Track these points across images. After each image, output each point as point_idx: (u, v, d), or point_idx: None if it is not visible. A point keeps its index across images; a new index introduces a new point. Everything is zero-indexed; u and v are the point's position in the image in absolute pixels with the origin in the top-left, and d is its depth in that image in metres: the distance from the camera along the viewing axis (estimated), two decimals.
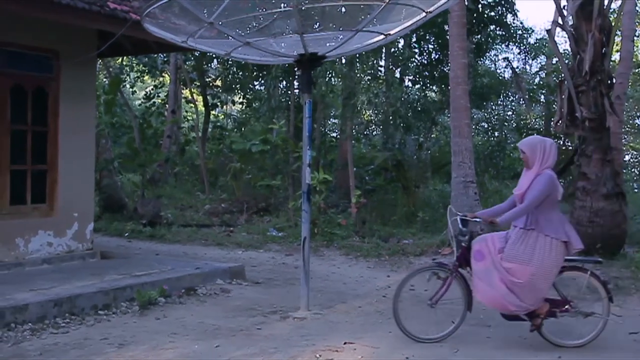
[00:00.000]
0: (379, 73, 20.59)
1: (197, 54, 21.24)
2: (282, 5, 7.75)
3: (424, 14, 7.42)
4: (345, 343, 6.46)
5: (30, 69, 9.24)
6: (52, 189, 9.52)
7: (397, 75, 22.26)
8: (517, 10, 20.82)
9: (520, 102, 26.21)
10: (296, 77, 18.22)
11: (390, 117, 20.60)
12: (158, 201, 16.91)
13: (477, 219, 6.67)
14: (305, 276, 7.83)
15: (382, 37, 7.93)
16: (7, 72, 8.92)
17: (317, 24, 8.16)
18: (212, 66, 25.74)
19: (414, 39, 21.02)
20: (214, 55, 21.67)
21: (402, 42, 21.14)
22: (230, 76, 24.78)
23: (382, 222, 15.23)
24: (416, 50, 21.39)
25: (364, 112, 21.10)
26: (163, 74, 27.97)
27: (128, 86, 28.21)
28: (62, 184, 9.52)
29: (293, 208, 15.20)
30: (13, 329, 6.74)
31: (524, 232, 6.38)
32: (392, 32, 7.84)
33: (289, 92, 20.03)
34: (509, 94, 25.74)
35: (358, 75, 17.15)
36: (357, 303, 8.46)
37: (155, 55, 23.16)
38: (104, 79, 24.22)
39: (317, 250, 12.30)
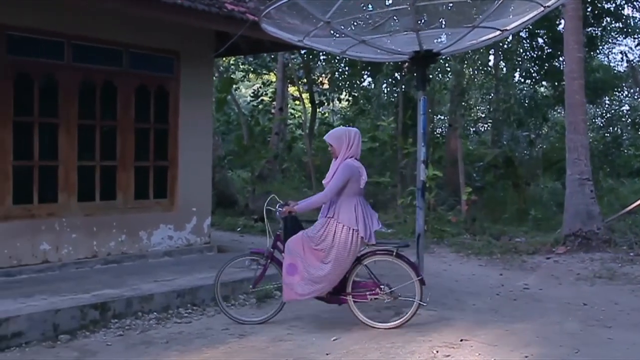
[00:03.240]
0: (489, 69, 20.28)
1: (303, 52, 21.53)
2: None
3: (541, 8, 7.29)
4: (461, 340, 6.44)
5: (153, 70, 9.65)
6: (173, 184, 9.90)
7: (506, 71, 21.84)
8: (638, 1, 20.04)
9: (637, 97, 25.21)
10: (404, 74, 18.22)
11: (501, 114, 20.25)
12: (268, 197, 17.21)
13: (279, 209, 6.98)
14: None
15: (498, 32, 7.83)
16: (133, 72, 9.36)
17: (422, 20, 8.13)
18: (319, 64, 25.98)
19: (524, 34, 20.58)
20: (321, 53, 21.90)
21: (511, 37, 20.73)
22: (337, 74, 24.94)
23: (492, 220, 15.04)
24: (527, 45, 20.92)
25: (473, 109, 20.84)
26: (269, 73, 28.46)
27: (234, 84, 28.85)
28: (181, 179, 9.89)
29: (402, 205, 15.20)
30: (140, 318, 7.07)
31: (326, 220, 6.65)
32: (508, 27, 7.74)
33: (397, 89, 20.00)
34: (625, 88, 24.81)
35: (469, 71, 16.95)
36: (470, 300, 8.40)
37: (264, 54, 23.61)
38: (214, 78, 24.86)
39: (427, 247, 12.22)
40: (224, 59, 26.31)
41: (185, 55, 9.85)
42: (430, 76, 15.82)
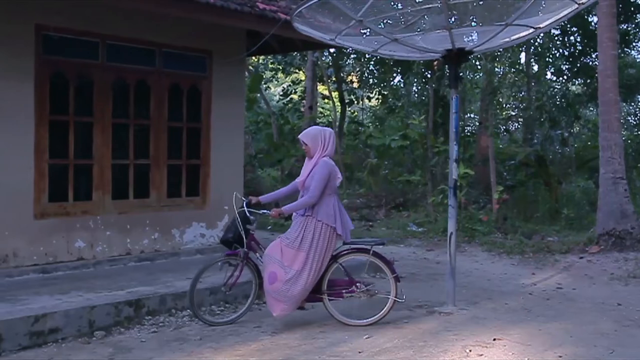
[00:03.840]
0: (520, 67, 20.13)
1: (333, 50, 21.54)
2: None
3: (575, 5, 7.22)
4: (494, 339, 6.41)
5: (186, 69, 9.73)
6: (205, 182, 9.98)
7: (536, 69, 21.67)
8: None
9: None
10: (435, 72, 18.15)
11: (532, 112, 20.08)
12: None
13: (266, 212, 6.86)
14: (452, 271, 7.82)
15: (531, 30, 7.78)
16: (166, 72, 9.45)
17: (453, 18, 8.10)
18: (349, 62, 25.97)
19: (556, 31, 20.38)
20: (350, 52, 21.91)
21: (542, 34, 20.54)
22: (366, 72, 24.93)
23: (523, 219, 14.94)
24: (559, 42, 20.73)
25: (504, 107, 20.67)
26: (298, 71, 28.49)
27: (263, 83, 28.94)
28: (213, 178, 9.96)
29: (433, 203, 15.17)
30: (174, 315, 7.16)
31: (303, 219, 6.66)
32: (542, 25, 7.68)
33: (428, 87, 19.94)
34: None
35: (501, 69, 16.85)
36: (503, 300, 8.35)
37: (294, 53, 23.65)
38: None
39: (458, 246, 12.08)
40: (253, 58, 26.43)
41: (218, 55, 9.92)
42: (462, 74, 15.75)
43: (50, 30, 8.26)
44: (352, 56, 24.09)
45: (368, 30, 8.07)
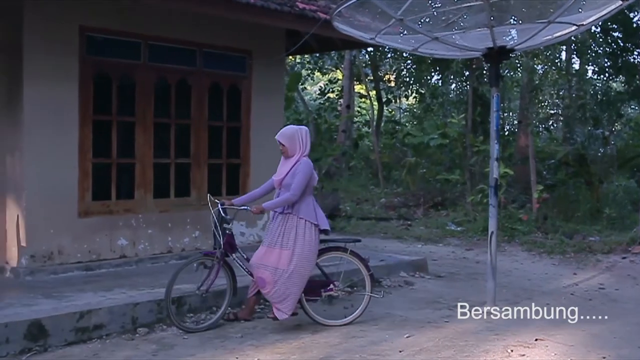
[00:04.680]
0: (561, 64, 19.90)
1: (370, 49, 21.52)
2: None
3: (619, 2, 7.12)
4: (536, 339, 6.37)
5: (226, 69, 9.81)
6: (245, 181, 10.03)
7: (577, 66, 21.39)
8: None
9: None
10: (475, 71, 18.04)
11: (574, 110, 19.83)
12: (337, 194, 17.33)
13: (247, 207, 6.81)
14: (492, 271, 7.77)
15: (573, 28, 7.69)
16: (207, 72, 9.53)
17: (492, 16, 8.04)
18: (386, 61, 25.95)
19: (597, 28, 20.08)
20: (388, 50, 21.87)
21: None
22: (404, 71, 24.87)
23: (564, 218, 14.76)
24: (600, 39, 20.42)
25: (544, 105, 20.48)
26: (335, 70, 28.54)
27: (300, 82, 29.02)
28: (253, 177, 10.00)
29: (472, 202, 15.08)
30: (214, 312, 7.16)
31: (283, 216, 6.64)
32: (584, 22, 7.59)
33: (467, 86, 19.82)
34: None
35: (542, 67, 16.68)
36: (544, 300, 8.26)
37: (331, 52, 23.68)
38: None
39: (498, 246, 11.96)
40: (290, 57, 26.52)
41: (257, 54, 9.97)
42: (502, 73, 15.65)
43: (93, 31, 8.39)
44: (389, 55, 24.06)
45: (405, 29, 8.04)
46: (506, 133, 22.49)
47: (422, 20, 8.21)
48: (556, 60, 18.22)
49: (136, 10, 8.55)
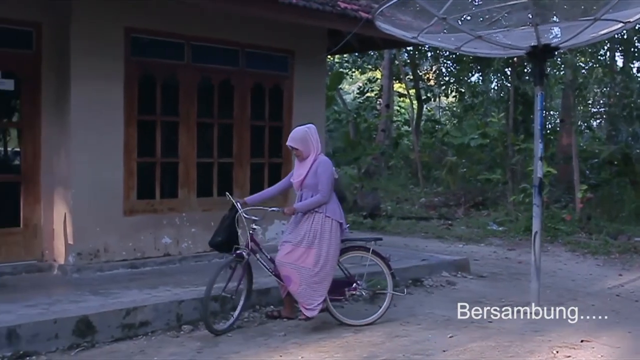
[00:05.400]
0: (605, 61, 19.59)
1: (410, 48, 21.44)
2: None
3: None
4: (582, 341, 6.29)
5: (268, 69, 9.89)
6: None
7: (623, 63, 21.02)
8: None
9: None
10: (516, 69, 17.87)
11: (619, 108, 19.50)
12: (377, 194, 17.32)
13: (278, 209, 6.81)
14: (536, 271, 7.68)
15: (620, 25, 7.57)
16: (249, 72, 9.61)
17: (530, 15, 7.96)
18: (426, 60, 25.83)
19: None
20: (427, 49, 21.77)
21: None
22: (444, 70, 24.74)
23: (608, 218, 14.57)
24: None
25: (588, 103, 20.19)
26: (374, 69, 28.50)
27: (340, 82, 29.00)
28: None
29: (514, 202, 14.95)
30: (257, 310, 7.26)
31: (309, 214, 6.58)
32: (631, 19, 7.46)
33: (508, 84, 19.64)
34: None
35: (586, 64, 16.45)
36: (589, 301, 8.18)
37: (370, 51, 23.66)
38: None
39: (541, 246, 12.00)
40: (329, 56, 26.51)
41: (299, 54, 10.03)
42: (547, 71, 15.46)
43: (138, 32, 8.52)
44: (428, 54, 23.95)
45: (444, 28, 8.00)
46: (548, 132, 22.20)
47: (462, 19, 8.17)
48: (600, 58, 17.93)
49: (179, 12, 8.65)
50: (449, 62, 23.74)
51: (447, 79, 25.08)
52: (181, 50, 8.96)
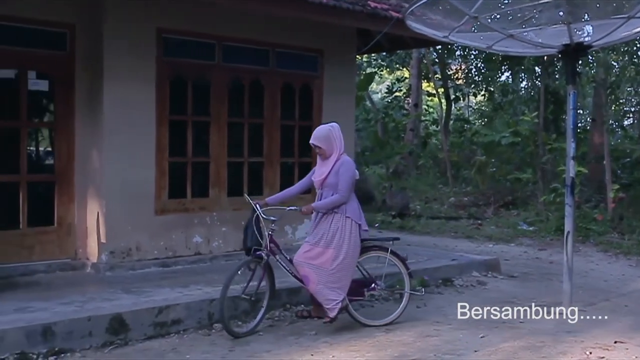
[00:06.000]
0: (638, 60, 19.36)
1: (438, 47, 21.35)
2: None
3: None
4: (615, 342, 6.23)
5: (298, 68, 9.94)
6: None
7: None
8: None
9: None
10: (547, 68, 17.74)
11: None
12: (406, 193, 17.29)
13: (296, 208, 6.72)
14: (569, 272, 7.62)
15: None
16: (279, 71, 9.66)
17: (561, 12, 7.89)
18: (455, 59, 25.70)
19: None
20: (456, 48, 21.66)
21: None
22: (473, 69, 24.61)
23: None
24: None
25: (620, 102, 19.96)
26: (402, 68, 28.41)
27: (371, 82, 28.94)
28: None
29: (544, 202, 14.83)
30: (288, 309, 7.28)
31: (329, 215, 6.53)
32: None
33: (538, 83, 19.48)
34: None
35: (618, 62, 16.27)
36: (622, 302, 8.10)
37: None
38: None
39: (573, 246, 11.90)
40: (357, 55, 26.46)
41: (329, 54, 10.06)
42: (579, 70, 15.32)
43: (170, 33, 8.59)
44: (457, 53, 23.83)
45: (474, 27, 7.95)
46: (579, 131, 21.98)
47: (491, 17, 8.12)
48: (634, 56, 17.71)
49: (210, 12, 8.70)
50: (478, 61, 23.60)
51: (476, 78, 24.95)
52: (212, 50, 9.03)
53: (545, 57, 17.06)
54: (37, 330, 5.65)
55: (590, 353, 5.91)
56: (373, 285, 6.93)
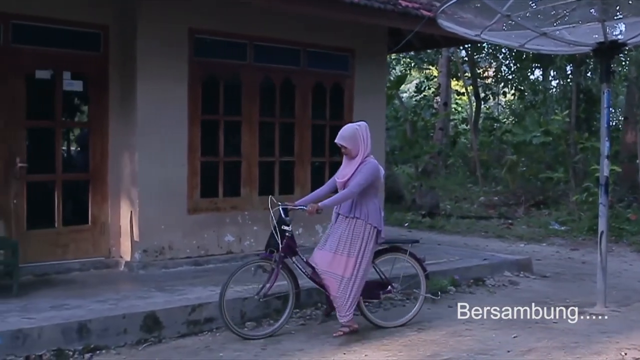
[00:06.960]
0: None
1: (468, 46, 21.25)
2: None
3: None
4: None
5: (329, 68, 9.96)
6: None
7: None
8: None
9: None
10: (579, 66, 17.58)
11: None
12: (436, 192, 17.23)
13: (303, 207, 6.41)
14: (602, 272, 7.56)
15: None
16: (310, 71, 9.70)
17: (593, 10, 7.81)
18: (483, 57, 25.57)
19: None
20: (485, 46, 21.55)
21: None
22: (503, 67, 24.45)
23: None
24: None
25: None
26: (431, 67, 28.32)
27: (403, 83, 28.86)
28: None
29: (576, 201, 14.69)
30: (320, 308, 7.22)
31: (350, 221, 6.35)
32: None
33: (570, 81, 19.31)
34: None
35: None
36: None
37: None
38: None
39: (606, 246, 11.78)
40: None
41: (360, 53, 10.07)
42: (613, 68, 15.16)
43: (202, 33, 8.66)
44: (486, 51, 23.70)
45: (505, 25, 7.91)
46: (611, 129, 21.72)
47: (523, 16, 8.07)
48: None
49: (241, 12, 8.74)
50: (508, 59, 23.46)
51: (506, 76, 24.80)
52: (243, 50, 9.07)
53: (577, 55, 16.91)
54: (73, 328, 5.74)
55: (626, 354, 5.85)
56: (389, 287, 6.86)
